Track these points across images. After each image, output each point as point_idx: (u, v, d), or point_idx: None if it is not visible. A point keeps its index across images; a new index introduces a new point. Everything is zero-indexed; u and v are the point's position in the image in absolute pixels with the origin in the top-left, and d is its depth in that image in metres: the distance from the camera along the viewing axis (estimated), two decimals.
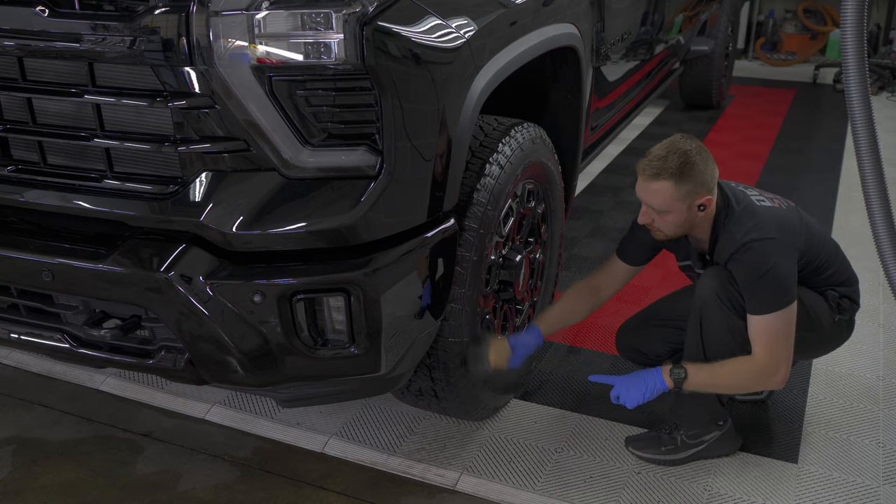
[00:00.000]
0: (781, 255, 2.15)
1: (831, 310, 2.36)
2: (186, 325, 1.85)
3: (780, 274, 2.13)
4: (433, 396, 2.36)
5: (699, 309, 2.25)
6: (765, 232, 2.16)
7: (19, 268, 1.92)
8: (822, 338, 2.42)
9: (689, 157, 2.15)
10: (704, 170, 2.17)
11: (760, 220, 2.19)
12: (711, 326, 2.23)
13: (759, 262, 2.13)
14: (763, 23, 8.55)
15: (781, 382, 2.18)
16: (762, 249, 2.14)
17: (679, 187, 2.14)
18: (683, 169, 2.14)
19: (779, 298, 2.13)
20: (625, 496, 2.30)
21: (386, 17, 1.75)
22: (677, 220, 2.21)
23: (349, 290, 1.81)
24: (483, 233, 2.18)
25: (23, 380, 2.85)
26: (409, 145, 1.83)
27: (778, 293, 2.13)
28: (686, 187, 2.15)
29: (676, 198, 2.16)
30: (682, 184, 2.14)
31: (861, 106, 1.45)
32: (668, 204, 2.17)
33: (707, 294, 2.23)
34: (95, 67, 1.78)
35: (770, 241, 2.15)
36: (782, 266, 2.14)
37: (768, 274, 2.12)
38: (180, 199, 1.80)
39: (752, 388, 2.46)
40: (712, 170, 2.20)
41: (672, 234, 2.27)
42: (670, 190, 2.15)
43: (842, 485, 2.34)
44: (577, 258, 3.78)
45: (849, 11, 1.42)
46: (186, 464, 2.43)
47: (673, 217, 2.20)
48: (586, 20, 2.80)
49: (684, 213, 2.19)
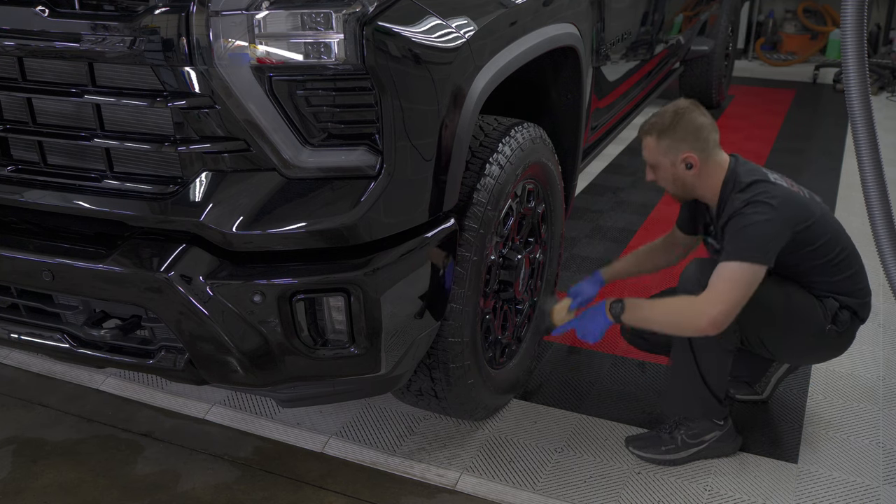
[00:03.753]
0: (771, 222, 2.17)
1: (824, 318, 2.31)
2: (186, 325, 1.84)
3: (760, 233, 2.15)
4: (433, 396, 2.36)
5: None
6: (766, 200, 2.20)
7: (19, 268, 1.92)
8: (809, 341, 2.36)
9: (678, 116, 2.29)
10: (688, 128, 2.28)
11: (766, 191, 2.22)
12: None
13: (746, 219, 2.18)
14: (763, 23, 8.55)
15: (710, 326, 2.13)
16: (756, 209, 2.18)
17: (660, 142, 2.31)
18: (668, 126, 2.29)
19: (748, 251, 2.14)
20: (625, 496, 2.30)
21: (386, 17, 1.75)
22: (665, 176, 2.36)
23: (349, 290, 1.81)
24: (483, 233, 2.18)
25: (23, 380, 2.85)
26: (409, 145, 1.83)
27: (748, 245, 2.15)
28: (666, 142, 2.30)
29: (659, 152, 2.32)
30: (662, 139, 2.30)
31: (861, 106, 1.45)
32: (654, 158, 2.35)
33: (690, 286, 2.27)
34: (95, 67, 1.78)
35: (766, 207, 2.18)
36: (767, 230, 2.16)
37: (750, 227, 2.16)
38: (180, 199, 1.80)
39: (683, 326, 2.24)
40: (699, 130, 2.29)
41: (672, 191, 2.41)
42: (653, 144, 2.33)
43: (842, 485, 2.34)
44: (577, 258, 3.78)
45: (849, 11, 1.42)
46: (186, 464, 2.43)
47: (661, 173, 2.36)
48: (586, 20, 2.80)
49: (669, 169, 2.33)
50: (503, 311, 2.56)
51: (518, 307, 2.65)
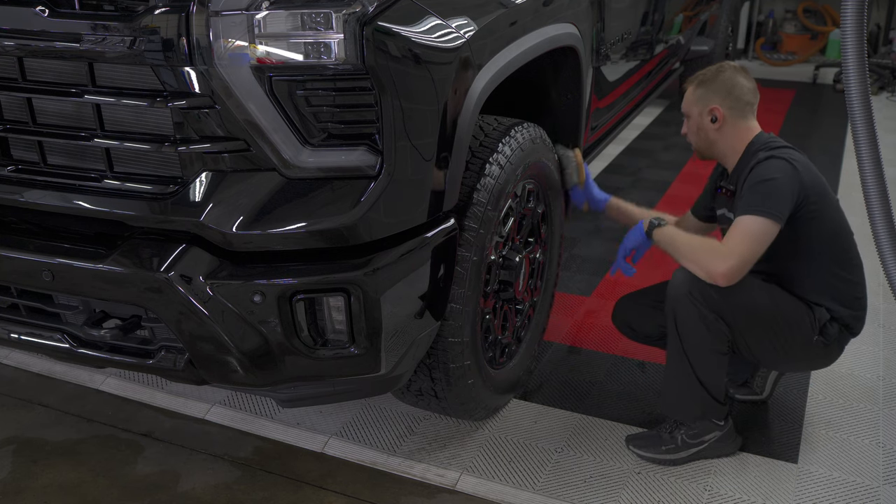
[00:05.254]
0: (788, 179, 2.21)
1: (811, 328, 2.29)
2: (186, 325, 1.84)
3: (777, 187, 2.19)
4: (433, 396, 2.36)
5: (672, 308, 2.28)
6: (788, 158, 2.25)
7: (19, 268, 1.92)
8: (788, 350, 2.33)
9: (720, 71, 2.40)
10: (725, 84, 2.36)
11: (791, 154, 2.27)
12: (685, 322, 2.27)
13: (764, 173, 2.22)
14: (763, 23, 8.55)
15: (723, 276, 2.15)
16: (776, 164, 2.23)
17: (695, 91, 2.41)
18: (708, 78, 2.40)
19: (765, 204, 2.17)
20: (625, 496, 2.30)
21: (386, 17, 1.75)
22: (692, 127, 2.44)
23: (349, 290, 1.81)
24: (483, 233, 2.18)
25: (23, 380, 2.85)
26: (409, 145, 1.83)
27: (767, 200, 2.18)
28: (700, 91, 2.39)
29: (692, 102, 2.42)
30: (698, 89, 2.40)
31: (861, 106, 1.45)
32: (688, 108, 2.44)
33: (678, 292, 2.27)
34: (95, 67, 1.78)
35: (787, 164, 2.23)
36: (783, 186, 2.20)
37: (767, 182, 2.20)
38: (180, 199, 1.80)
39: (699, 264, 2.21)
40: (736, 90, 2.36)
41: (696, 144, 2.46)
42: (690, 94, 2.43)
43: (842, 485, 2.34)
44: (577, 258, 3.78)
45: (849, 11, 1.42)
46: (186, 464, 2.43)
47: (690, 123, 2.44)
48: (586, 20, 2.80)
49: (697, 119, 2.41)
50: (503, 311, 2.56)
51: (518, 307, 2.65)
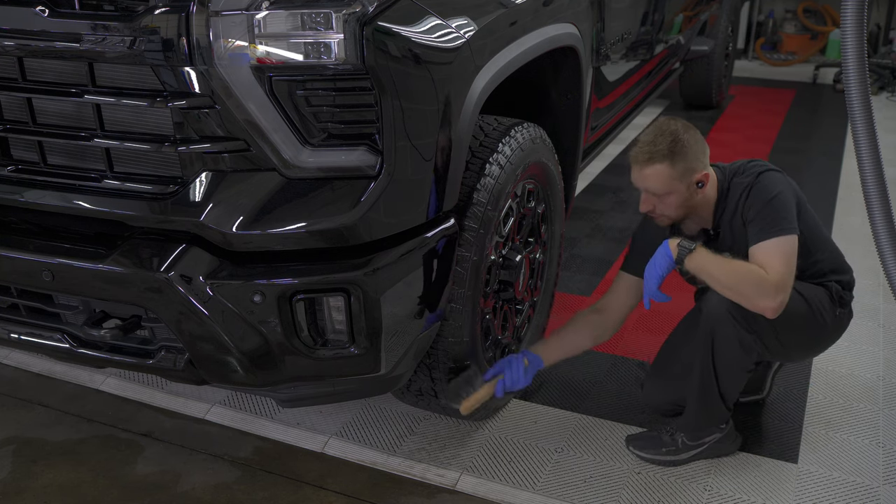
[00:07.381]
0: (785, 187, 2.22)
1: (833, 303, 2.33)
2: (186, 325, 1.84)
3: (785, 201, 2.18)
4: (433, 396, 2.36)
5: (710, 327, 2.22)
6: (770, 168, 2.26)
7: (19, 268, 1.92)
8: (825, 334, 2.39)
9: (678, 136, 2.20)
10: (695, 146, 2.23)
11: (761, 165, 2.29)
12: (723, 342, 2.22)
13: (766, 192, 2.19)
14: (763, 23, 8.55)
15: (774, 311, 2.08)
16: (768, 179, 2.22)
17: (674, 167, 2.19)
18: (674, 148, 2.19)
19: (785, 221, 2.15)
20: (625, 496, 2.30)
21: (386, 17, 1.75)
22: (678, 201, 2.25)
23: (349, 290, 1.81)
24: (483, 233, 2.18)
25: (23, 380, 2.85)
26: (408, 145, 1.83)
27: (784, 217, 2.16)
28: (681, 165, 2.20)
29: (674, 178, 2.20)
30: (676, 163, 2.19)
31: (861, 106, 1.45)
32: (668, 185, 2.21)
33: (717, 310, 2.20)
34: (95, 67, 1.78)
35: (775, 174, 2.24)
36: (786, 196, 2.19)
37: (775, 199, 2.17)
38: (180, 199, 1.80)
39: (745, 297, 2.11)
40: (703, 146, 2.26)
41: (675, 216, 2.30)
42: (667, 171, 2.19)
43: (842, 485, 2.34)
44: (577, 258, 3.78)
45: (849, 11, 1.42)
46: (186, 464, 2.43)
47: (674, 198, 2.24)
48: (586, 20, 2.80)
49: (684, 193, 2.23)
50: (503, 311, 2.56)
51: (518, 307, 2.65)
